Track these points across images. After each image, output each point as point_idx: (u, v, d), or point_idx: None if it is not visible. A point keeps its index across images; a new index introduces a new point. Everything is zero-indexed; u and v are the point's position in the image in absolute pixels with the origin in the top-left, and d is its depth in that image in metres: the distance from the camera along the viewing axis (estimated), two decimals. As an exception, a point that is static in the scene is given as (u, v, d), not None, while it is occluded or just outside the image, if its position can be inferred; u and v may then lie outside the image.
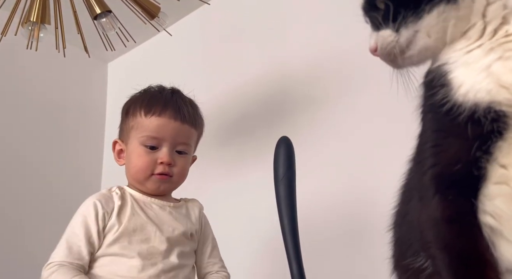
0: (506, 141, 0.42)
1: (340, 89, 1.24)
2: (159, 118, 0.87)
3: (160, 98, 0.90)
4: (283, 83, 1.39)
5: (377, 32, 0.50)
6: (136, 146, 0.88)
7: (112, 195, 0.86)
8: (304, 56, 1.35)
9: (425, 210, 0.47)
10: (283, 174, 0.68)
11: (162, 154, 0.87)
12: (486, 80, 0.42)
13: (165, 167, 0.87)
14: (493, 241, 0.44)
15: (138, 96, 0.94)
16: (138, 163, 0.88)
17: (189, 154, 0.92)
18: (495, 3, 0.45)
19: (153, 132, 0.87)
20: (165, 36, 1.37)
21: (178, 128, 0.88)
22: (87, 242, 0.80)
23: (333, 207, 1.14)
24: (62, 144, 1.76)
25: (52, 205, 1.62)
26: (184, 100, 0.92)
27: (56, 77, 1.79)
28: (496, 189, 0.43)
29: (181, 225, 0.87)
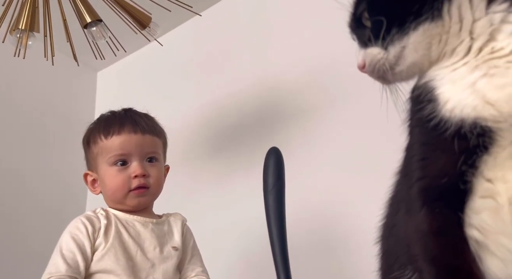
0: (491, 155, 0.43)
1: (329, 101, 1.25)
2: (120, 135, 0.89)
3: (114, 119, 0.93)
4: (272, 95, 1.39)
5: (364, 50, 0.51)
6: (107, 169, 0.89)
7: (97, 215, 0.87)
8: (294, 68, 1.36)
9: (412, 222, 0.48)
10: (273, 185, 0.68)
11: (133, 167, 0.88)
12: (471, 97, 0.43)
13: (140, 180, 0.88)
14: (479, 255, 0.44)
15: (93, 125, 0.96)
16: (113, 183, 0.88)
17: (160, 161, 0.93)
18: (481, 20, 0.46)
19: (118, 150, 0.88)
20: (155, 46, 1.37)
21: (141, 140, 0.90)
22: (83, 257, 0.80)
23: (323, 218, 1.14)
24: (49, 153, 1.73)
25: (37, 216, 1.59)
26: (138, 114, 0.95)
27: (44, 85, 1.78)
28: (482, 203, 0.44)
29: (162, 243, 0.88)
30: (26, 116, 1.68)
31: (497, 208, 0.43)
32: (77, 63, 1.24)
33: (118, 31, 1.24)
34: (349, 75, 1.19)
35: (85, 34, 1.19)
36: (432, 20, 0.46)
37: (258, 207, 0.83)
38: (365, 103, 1.04)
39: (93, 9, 1.13)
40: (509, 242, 0.43)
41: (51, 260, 0.81)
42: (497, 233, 0.43)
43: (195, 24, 1.66)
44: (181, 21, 1.71)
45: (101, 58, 1.30)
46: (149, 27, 1.20)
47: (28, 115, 1.69)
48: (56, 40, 1.19)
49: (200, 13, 1.31)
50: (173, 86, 1.72)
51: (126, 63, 1.87)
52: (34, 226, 1.57)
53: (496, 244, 0.44)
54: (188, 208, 1.00)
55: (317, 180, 1.19)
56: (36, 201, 1.61)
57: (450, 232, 0.45)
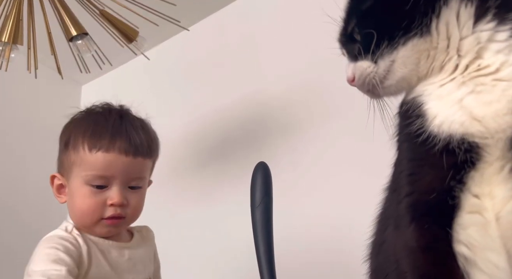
0: (478, 171, 0.43)
1: (316, 116, 1.26)
2: (107, 153, 0.75)
3: (106, 127, 0.77)
4: (260, 110, 1.40)
5: (354, 63, 0.51)
6: (80, 185, 0.76)
7: (74, 237, 0.75)
8: (282, 83, 1.37)
9: (401, 238, 0.47)
10: (260, 200, 0.67)
11: (112, 193, 0.75)
12: (459, 113, 0.44)
13: (117, 209, 0.76)
14: (467, 271, 0.44)
15: (79, 122, 0.81)
16: (83, 205, 0.76)
17: (143, 187, 0.82)
18: (468, 38, 0.47)
19: (100, 170, 0.75)
20: (142, 61, 1.36)
21: (130, 164, 0.76)
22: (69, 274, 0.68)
23: (311, 234, 1.14)
24: (31, 166, 1.69)
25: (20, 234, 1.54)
26: (135, 126, 0.80)
27: (27, 99, 1.74)
28: (469, 219, 0.44)
29: (140, 273, 0.80)
30: (7, 129, 1.64)
31: (484, 224, 0.43)
32: (61, 76, 1.23)
33: (104, 45, 1.23)
34: (338, 90, 1.21)
35: (70, 47, 1.17)
36: (420, 36, 0.47)
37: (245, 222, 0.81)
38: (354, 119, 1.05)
39: (79, 22, 1.12)
40: (497, 258, 0.43)
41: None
42: (485, 249, 0.43)
43: (182, 38, 1.67)
44: (169, 36, 1.71)
45: (86, 72, 1.28)
46: (136, 41, 1.20)
47: (10, 129, 1.65)
48: (40, 53, 1.17)
49: (188, 28, 1.31)
50: (160, 100, 1.71)
51: (111, 77, 1.86)
52: (10, 248, 1.51)
53: (484, 260, 0.43)
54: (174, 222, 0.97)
55: (304, 195, 1.18)
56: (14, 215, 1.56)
57: (438, 248, 0.45)
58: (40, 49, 1.17)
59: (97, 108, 0.84)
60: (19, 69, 1.22)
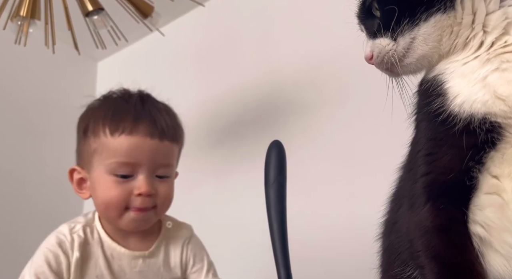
0: (499, 151, 0.42)
1: (331, 96, 1.25)
2: (131, 136, 0.68)
3: (128, 109, 0.70)
4: (274, 89, 1.39)
5: (372, 40, 0.50)
6: (103, 176, 0.69)
7: (73, 240, 0.69)
8: (297, 61, 1.35)
9: (415, 218, 0.47)
10: (274, 179, 0.67)
11: (139, 182, 0.68)
12: (482, 91, 0.42)
13: (145, 200, 0.68)
14: (482, 252, 0.44)
15: (98, 107, 0.74)
16: (107, 197, 0.69)
17: (171, 176, 0.74)
18: (495, 13, 0.45)
19: (125, 156, 0.67)
20: (157, 37, 1.36)
21: (156, 147, 0.69)
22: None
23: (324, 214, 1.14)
24: (46, 142, 1.72)
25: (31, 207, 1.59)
26: (158, 108, 0.73)
27: (44, 74, 1.76)
28: (487, 199, 0.43)
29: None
30: (23, 104, 1.66)
31: (502, 205, 0.43)
32: (78, 52, 1.23)
33: (120, 21, 1.23)
34: (353, 70, 1.19)
35: (86, 23, 1.17)
36: (444, 11, 0.45)
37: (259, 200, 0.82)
38: (369, 98, 1.04)
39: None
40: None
41: None
42: (501, 230, 0.43)
43: (198, 15, 1.65)
44: (184, 12, 1.69)
45: (102, 48, 1.28)
46: (151, 16, 1.19)
47: (27, 103, 1.68)
48: (57, 29, 1.18)
49: (203, 4, 1.29)
50: (174, 78, 1.71)
51: (127, 53, 1.86)
52: (21, 216, 1.56)
53: (500, 241, 0.43)
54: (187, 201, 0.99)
55: (319, 175, 1.18)
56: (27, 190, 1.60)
57: (453, 228, 0.44)
58: (57, 24, 1.17)
59: (115, 93, 0.77)
60: (36, 44, 1.23)
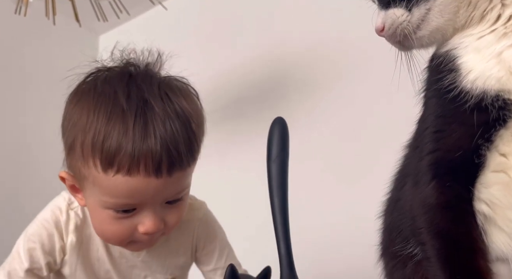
0: (508, 129, 0.42)
1: (338, 73, 1.23)
2: (129, 177, 0.51)
3: (124, 131, 0.51)
4: (279, 65, 1.37)
5: (385, 11, 0.48)
6: (98, 208, 0.56)
7: (68, 221, 0.61)
8: (302, 38, 1.33)
9: (419, 195, 0.47)
10: (276, 155, 0.67)
11: (143, 218, 0.56)
12: (496, 67, 0.41)
13: (152, 237, 0.58)
14: (485, 229, 0.44)
15: (84, 111, 0.55)
16: (105, 232, 0.58)
17: (185, 197, 0.62)
18: None
19: (123, 198, 0.54)
20: (160, 11, 1.33)
21: (164, 185, 0.54)
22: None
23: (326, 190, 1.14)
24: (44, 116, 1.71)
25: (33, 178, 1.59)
26: (167, 117, 0.53)
27: (45, 46, 1.74)
28: (493, 177, 0.43)
29: (156, 272, 0.66)
30: (22, 76, 1.64)
31: (508, 183, 0.43)
32: (79, 23, 1.21)
33: (122, -7, 1.20)
34: (358, 47, 1.17)
35: (87, -6, 1.15)
36: None
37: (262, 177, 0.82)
38: (375, 75, 1.03)
39: (96, -32, 1.09)
40: None
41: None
42: (506, 208, 0.43)
43: (201, -11, 1.61)
44: (187, -14, 1.66)
45: (104, 20, 1.26)
46: (154, -11, 1.16)
47: (25, 75, 1.65)
48: (57, 0, 1.15)
49: (207, -23, 1.27)
50: (176, 54, 1.68)
51: (129, 27, 1.83)
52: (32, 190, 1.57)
53: (504, 219, 0.43)
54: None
55: (322, 153, 1.18)
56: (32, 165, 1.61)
57: (457, 206, 0.44)
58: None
59: (108, 77, 0.59)
60: (37, 15, 1.21)
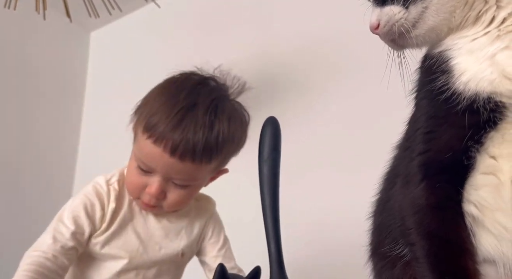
0: (499, 131, 0.42)
1: (331, 73, 1.24)
2: (153, 145, 0.68)
3: (168, 114, 0.69)
4: (272, 64, 1.37)
5: (380, 8, 0.47)
6: (132, 159, 0.74)
7: (109, 191, 0.75)
8: (295, 37, 1.33)
9: (409, 196, 0.47)
10: (268, 155, 0.67)
11: (152, 181, 0.72)
12: (489, 69, 0.41)
13: (151, 199, 0.73)
14: (474, 231, 0.44)
15: (156, 92, 0.75)
16: (129, 179, 0.75)
17: (192, 186, 0.75)
18: None
19: (143, 159, 0.71)
20: (153, 8, 1.32)
21: (173, 165, 0.69)
22: (78, 238, 0.71)
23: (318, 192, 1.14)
24: (36, 112, 1.69)
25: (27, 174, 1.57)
26: (200, 123, 0.69)
27: (35, 41, 1.71)
28: (482, 179, 0.43)
29: (171, 244, 0.77)
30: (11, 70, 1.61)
31: (497, 185, 0.43)
32: (70, 19, 1.19)
33: (114, -11, 1.19)
34: (351, 47, 1.17)
35: (79, -10, 1.13)
36: None
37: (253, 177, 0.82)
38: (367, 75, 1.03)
39: (88, -37, 1.08)
40: (506, 219, 0.43)
41: (45, 232, 0.72)
42: (495, 210, 0.43)
43: (194, -13, 1.61)
44: (180, -16, 1.65)
45: (95, 17, 1.25)
46: (147, -14, 1.15)
47: (14, 70, 1.63)
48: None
49: (200, -25, 1.26)
50: (168, 51, 1.67)
51: (121, 24, 1.81)
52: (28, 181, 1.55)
53: (492, 221, 0.43)
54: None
55: (314, 152, 1.19)
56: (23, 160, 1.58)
57: (447, 207, 0.45)
58: (49, -11, 1.13)
59: (182, 79, 0.75)
60: (27, 10, 1.19)
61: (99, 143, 1.76)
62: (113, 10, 1.25)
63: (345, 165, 1.12)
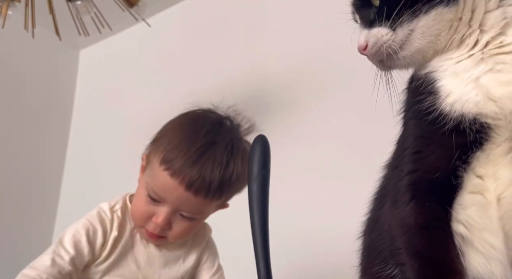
0: (484, 152, 0.43)
1: (320, 92, 1.25)
2: (170, 178, 0.71)
3: (188, 149, 0.72)
4: (262, 83, 1.38)
5: (368, 30, 0.48)
6: (142, 186, 0.75)
7: (112, 218, 0.76)
8: (284, 57, 1.35)
9: (398, 215, 0.47)
10: (257, 173, 0.67)
11: (160, 211, 0.73)
12: (474, 92, 0.42)
13: (156, 228, 0.74)
14: (463, 250, 0.44)
15: (176, 124, 0.78)
16: (136, 207, 0.76)
17: (198, 219, 0.77)
18: (493, 12, 0.45)
19: (157, 189, 0.73)
20: (143, 27, 1.33)
21: (186, 198, 0.72)
22: (75, 263, 0.71)
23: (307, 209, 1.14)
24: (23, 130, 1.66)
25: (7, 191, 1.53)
26: (218, 161, 0.72)
27: (23, 59, 1.70)
28: (470, 199, 0.44)
29: (170, 272, 0.79)
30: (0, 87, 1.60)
31: (485, 205, 0.43)
32: (59, 37, 1.19)
33: (105, 8, 1.20)
34: (339, 66, 1.19)
35: (69, 8, 1.14)
36: (446, 4, 0.44)
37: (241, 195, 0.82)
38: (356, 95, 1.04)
39: (79, -18, 1.09)
40: (493, 238, 0.43)
41: (44, 253, 0.72)
42: (483, 229, 0.44)
43: (186, 7, 1.63)
44: (172, 3, 1.67)
45: (85, 35, 1.25)
46: (137, 5, 1.17)
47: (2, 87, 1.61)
48: (37, 13, 1.13)
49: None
50: (158, 70, 1.68)
51: (110, 43, 1.82)
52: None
53: (481, 240, 0.44)
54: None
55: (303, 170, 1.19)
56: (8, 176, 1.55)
57: (436, 227, 0.45)
58: (38, 8, 1.13)
59: (201, 116, 0.78)
60: (16, 29, 1.19)
61: (85, 162, 1.74)
62: (103, 28, 1.25)
63: (334, 182, 1.12)
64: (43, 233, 1.58)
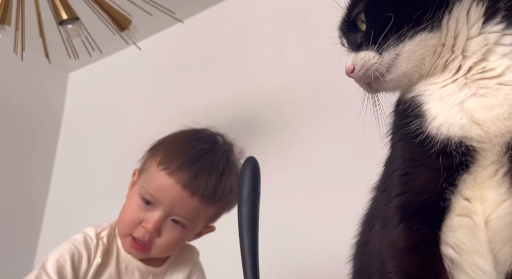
0: (471, 174, 0.43)
1: (309, 114, 1.27)
2: (168, 177, 0.71)
3: (187, 152, 0.74)
4: (251, 106, 1.39)
5: (355, 53, 0.49)
6: (134, 194, 0.75)
7: (97, 245, 0.74)
8: (273, 83, 1.37)
9: (387, 238, 0.47)
10: (247, 195, 0.66)
11: (150, 216, 0.73)
12: (459, 115, 0.43)
13: (146, 235, 0.73)
14: (453, 274, 0.44)
15: (175, 138, 0.79)
16: (125, 214, 0.75)
17: (187, 229, 0.76)
18: (475, 39, 0.46)
19: (152, 189, 0.73)
20: (133, 51, 1.34)
21: (182, 198, 0.72)
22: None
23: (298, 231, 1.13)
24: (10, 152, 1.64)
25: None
26: (214, 167, 0.74)
27: (12, 82, 1.69)
28: (458, 221, 0.44)
29: None
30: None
31: (473, 227, 0.43)
32: (49, 60, 1.19)
33: (95, 31, 1.21)
34: (328, 90, 1.21)
35: (59, 31, 1.14)
36: (430, 30, 0.46)
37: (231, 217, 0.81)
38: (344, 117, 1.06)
39: (70, 6, 1.10)
40: (483, 262, 0.43)
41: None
42: (472, 252, 0.44)
43: (176, 31, 1.65)
44: (162, 27, 1.69)
45: (75, 58, 1.25)
46: (128, 29, 1.18)
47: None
48: (27, 36, 1.13)
49: (182, 20, 1.29)
50: (148, 94, 1.68)
51: (100, 66, 1.82)
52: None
53: (470, 264, 0.44)
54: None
55: (293, 192, 1.18)
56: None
57: (425, 249, 0.45)
58: (28, 31, 1.13)
59: (198, 130, 0.81)
60: (4, 51, 1.19)
61: (71, 186, 1.71)
62: (93, 51, 1.26)
63: (323, 204, 1.11)
64: (24, 257, 1.53)
